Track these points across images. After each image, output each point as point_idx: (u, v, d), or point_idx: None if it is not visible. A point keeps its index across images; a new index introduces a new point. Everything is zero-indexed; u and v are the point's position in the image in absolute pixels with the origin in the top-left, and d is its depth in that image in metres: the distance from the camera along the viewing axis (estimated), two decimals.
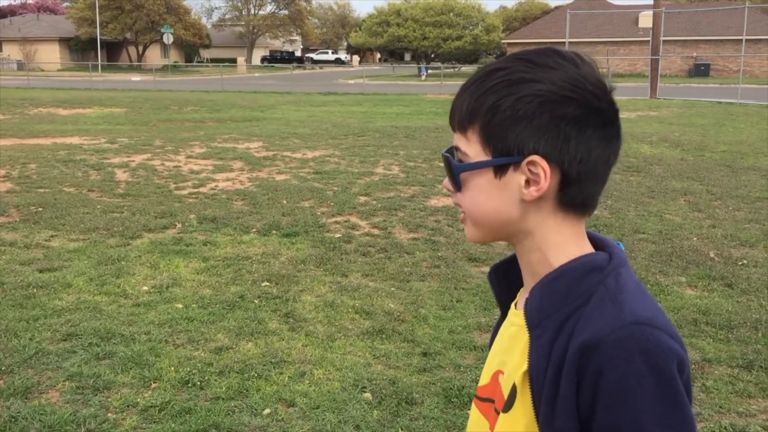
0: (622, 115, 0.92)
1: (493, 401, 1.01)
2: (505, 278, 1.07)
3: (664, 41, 30.92)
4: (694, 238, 6.61)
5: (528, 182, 0.91)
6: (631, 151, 12.26)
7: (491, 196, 0.94)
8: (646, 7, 43.77)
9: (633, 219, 7.29)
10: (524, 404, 0.92)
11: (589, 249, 0.96)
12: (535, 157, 0.90)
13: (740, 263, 5.85)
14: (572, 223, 0.95)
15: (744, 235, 6.70)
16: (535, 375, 0.90)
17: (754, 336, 4.34)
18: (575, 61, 0.93)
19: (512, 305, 1.05)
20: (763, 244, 6.40)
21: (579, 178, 0.91)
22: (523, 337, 0.95)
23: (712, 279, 5.44)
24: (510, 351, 0.99)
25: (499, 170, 0.92)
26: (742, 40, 31.88)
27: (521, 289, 1.04)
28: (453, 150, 0.98)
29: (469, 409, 3.61)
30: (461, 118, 0.95)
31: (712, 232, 6.87)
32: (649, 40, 30.29)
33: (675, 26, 43.12)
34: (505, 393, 0.96)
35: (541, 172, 0.90)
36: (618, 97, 0.94)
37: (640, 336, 0.83)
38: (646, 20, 43.09)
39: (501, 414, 0.96)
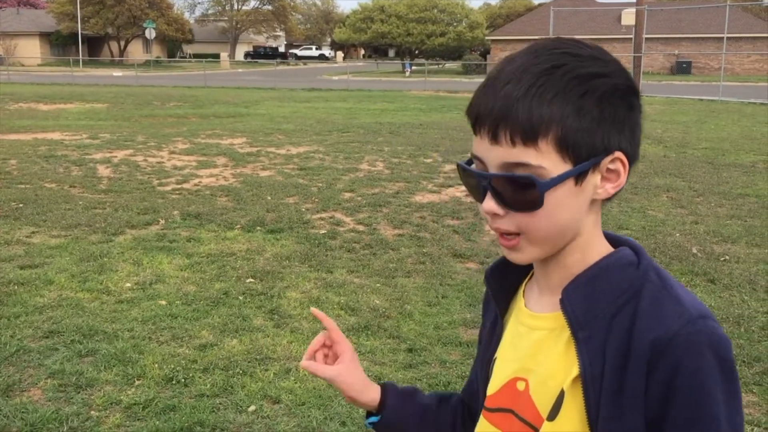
0: None
1: (510, 411, 0.97)
2: (503, 279, 1.03)
3: (647, 39, 31.13)
4: (677, 234, 6.66)
5: (602, 179, 0.88)
6: None
7: (569, 206, 0.88)
8: (628, 4, 44.01)
9: (616, 215, 7.33)
10: (574, 409, 0.89)
11: (607, 244, 0.94)
12: (619, 153, 0.87)
13: (722, 259, 5.90)
14: (600, 219, 0.93)
15: (726, 231, 6.76)
16: (589, 378, 0.87)
17: (737, 331, 4.38)
18: (598, 47, 0.90)
19: (521, 307, 1.00)
20: (744, 240, 6.46)
21: (631, 167, 0.90)
22: (557, 341, 0.92)
23: (694, 274, 5.48)
24: (536, 356, 0.94)
25: (581, 175, 0.86)
26: (723, 38, 32.17)
27: (526, 291, 1.01)
28: (509, 167, 0.86)
29: None
30: (526, 129, 0.83)
31: (694, 228, 6.92)
32: (631, 38, 30.48)
33: (657, 24, 43.42)
34: (541, 401, 0.92)
35: (620, 168, 0.88)
36: None
37: (707, 329, 0.84)
38: (628, 17, 43.35)
39: (546, 422, 0.91)
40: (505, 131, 0.84)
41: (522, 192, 0.86)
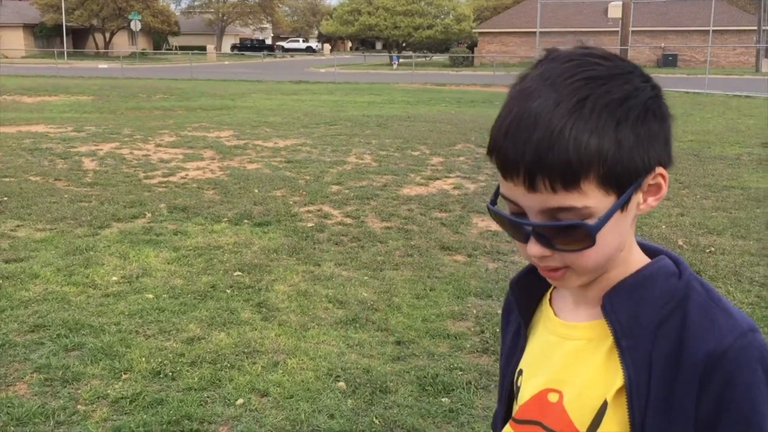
0: None
1: (538, 423, 0.94)
2: (527, 290, 1.01)
3: (633, 31, 31.23)
4: (663, 226, 6.70)
5: (644, 194, 0.87)
6: None
7: (616, 233, 0.86)
8: None
9: None
10: (615, 422, 0.87)
11: (642, 252, 0.93)
12: (660, 168, 0.86)
13: (708, 251, 5.94)
14: (635, 226, 0.92)
15: (711, 223, 6.81)
16: (635, 388, 0.86)
17: None
18: (609, 54, 0.86)
19: (550, 317, 0.98)
20: (730, 232, 6.51)
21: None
22: (596, 351, 0.90)
23: None
24: (571, 367, 0.92)
25: (626, 201, 0.84)
26: (708, 31, 32.32)
27: (553, 299, 0.99)
28: (552, 212, 0.82)
29: (443, 398, 3.58)
30: (566, 176, 0.79)
31: (680, 220, 6.96)
32: (618, 31, 30.56)
33: (643, 17, 43.56)
34: (578, 414, 0.90)
35: (661, 180, 0.86)
36: None
37: (757, 343, 0.84)
38: (615, 11, 43.45)
39: None
40: (544, 180, 0.80)
41: (571, 235, 0.83)
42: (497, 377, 1.10)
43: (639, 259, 0.91)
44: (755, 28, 43.71)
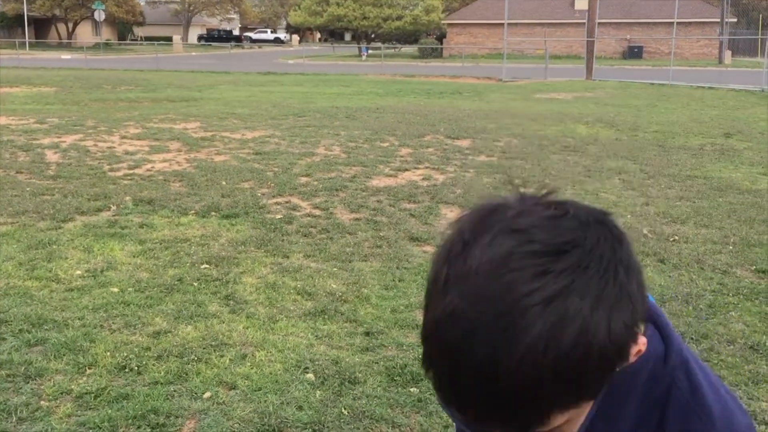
0: (559, 96, 0.82)
1: None
2: None
3: (599, 24, 31.52)
4: (629, 216, 6.79)
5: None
6: (567, 132, 12.50)
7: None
8: None
9: (570, 198, 7.43)
10: None
11: None
12: (642, 339, 0.74)
13: (672, 239, 6.04)
14: None
15: (675, 212, 6.91)
16: None
17: (686, 309, 4.49)
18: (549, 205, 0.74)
19: None
20: (693, 221, 6.62)
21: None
22: None
23: (645, 255, 5.60)
24: None
25: None
26: (673, 23, 32.77)
27: None
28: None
29: (412, 387, 3.59)
30: (526, 426, 0.70)
31: (645, 209, 7.06)
32: (584, 23, 30.82)
33: (610, 9, 44.01)
34: None
35: (641, 347, 0.75)
36: (555, 79, 0.89)
37: None
38: (582, 3, 43.83)
39: None
40: (509, 427, 0.71)
41: None
42: None
43: None
44: (718, 20, 44.44)
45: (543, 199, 0.74)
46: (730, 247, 5.80)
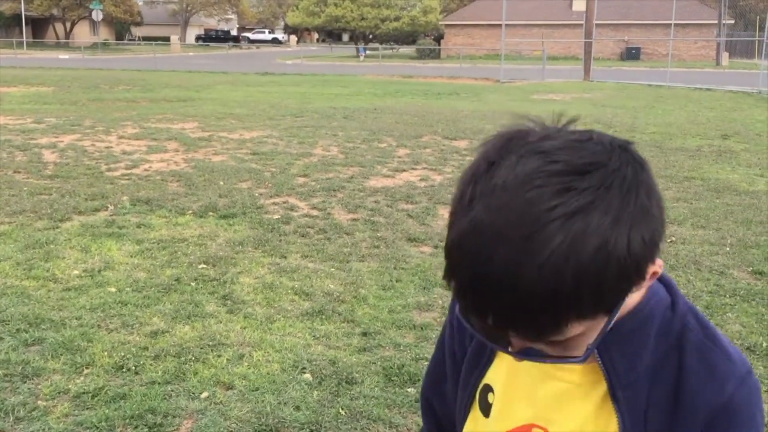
0: (557, 97, 0.82)
1: None
2: None
3: (597, 25, 31.56)
4: None
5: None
6: None
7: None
8: None
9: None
10: None
11: None
12: (659, 261, 0.77)
13: (669, 240, 6.05)
14: None
15: (672, 214, 6.92)
16: None
17: None
18: (549, 121, 0.77)
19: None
20: (690, 222, 6.63)
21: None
22: (588, 398, 0.87)
23: None
24: (560, 409, 0.89)
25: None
26: (671, 24, 32.81)
27: None
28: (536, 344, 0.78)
29: (409, 388, 3.59)
30: (542, 334, 0.74)
31: None
32: (582, 24, 30.86)
33: (607, 10, 44.06)
34: None
35: (659, 269, 0.78)
36: (553, 80, 0.90)
37: (754, 387, 0.84)
38: (579, 4, 43.86)
39: None
40: (526, 334, 0.74)
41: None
42: None
43: (632, 296, 0.86)
44: (716, 22, 44.52)
45: (566, 126, 0.76)
46: (727, 249, 5.82)
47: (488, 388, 0.97)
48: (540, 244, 0.67)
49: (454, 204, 0.75)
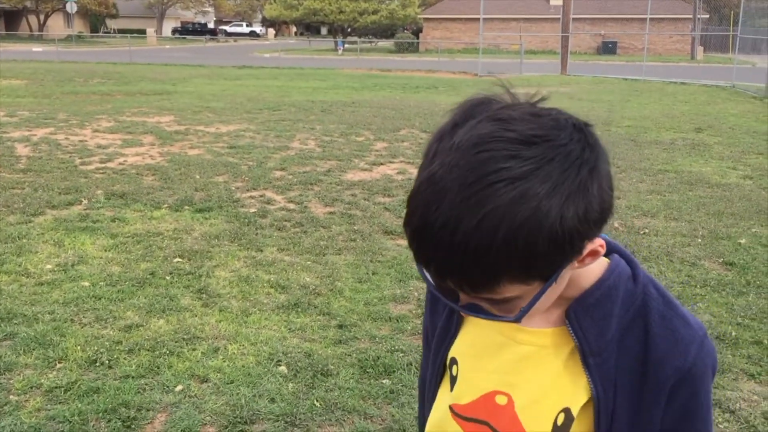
0: (534, 91, 0.84)
1: (486, 423, 0.94)
2: None
3: (574, 19, 31.74)
4: None
5: (579, 261, 0.82)
6: None
7: (551, 297, 0.84)
8: None
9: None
10: (581, 430, 0.91)
11: None
12: (591, 245, 0.80)
13: (642, 232, 6.12)
14: None
15: (646, 206, 7.01)
16: (603, 405, 0.88)
17: None
18: (508, 97, 0.80)
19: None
20: (663, 214, 6.72)
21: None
22: (553, 360, 0.90)
23: None
24: (523, 373, 0.92)
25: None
26: (646, 19, 33.09)
27: None
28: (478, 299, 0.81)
29: (384, 379, 3.60)
30: (481, 284, 0.76)
31: (616, 203, 7.11)
32: (560, 18, 31.01)
33: (584, 5, 44.30)
34: (531, 421, 0.91)
35: (598, 248, 0.81)
36: (530, 74, 0.92)
37: (710, 349, 0.90)
38: None
39: None
40: (461, 285, 0.78)
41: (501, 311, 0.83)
42: None
43: (595, 268, 0.90)
44: (691, 16, 44.98)
45: (538, 103, 0.80)
46: (699, 240, 5.90)
47: (454, 361, 1.00)
48: (480, 202, 0.71)
49: (423, 158, 0.80)
